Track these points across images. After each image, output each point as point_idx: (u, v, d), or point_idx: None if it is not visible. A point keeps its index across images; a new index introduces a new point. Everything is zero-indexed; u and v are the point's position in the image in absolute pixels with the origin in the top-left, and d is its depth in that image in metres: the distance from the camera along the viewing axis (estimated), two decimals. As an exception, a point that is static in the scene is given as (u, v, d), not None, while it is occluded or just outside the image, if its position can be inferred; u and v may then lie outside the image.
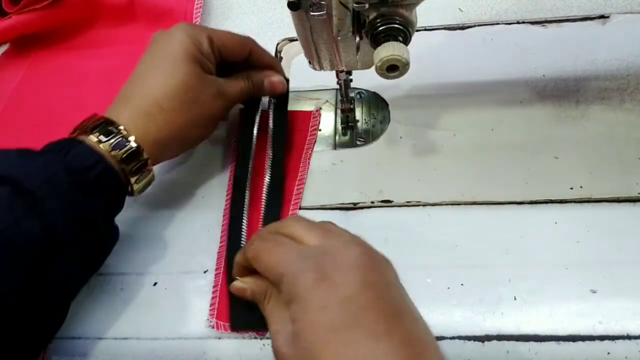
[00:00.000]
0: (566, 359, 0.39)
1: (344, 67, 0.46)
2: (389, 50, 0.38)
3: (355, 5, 0.37)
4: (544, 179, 0.46)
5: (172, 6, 0.64)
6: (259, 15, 0.64)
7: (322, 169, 0.50)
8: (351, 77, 0.49)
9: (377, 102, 0.54)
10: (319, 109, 0.54)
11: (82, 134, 0.42)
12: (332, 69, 0.47)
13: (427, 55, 0.55)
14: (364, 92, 0.55)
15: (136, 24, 0.65)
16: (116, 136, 0.41)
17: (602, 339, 0.39)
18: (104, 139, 0.41)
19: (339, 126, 0.53)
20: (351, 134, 0.53)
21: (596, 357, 0.39)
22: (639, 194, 0.45)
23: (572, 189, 0.46)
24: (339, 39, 0.41)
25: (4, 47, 0.67)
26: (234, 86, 0.48)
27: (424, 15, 0.43)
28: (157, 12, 0.64)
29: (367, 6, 0.37)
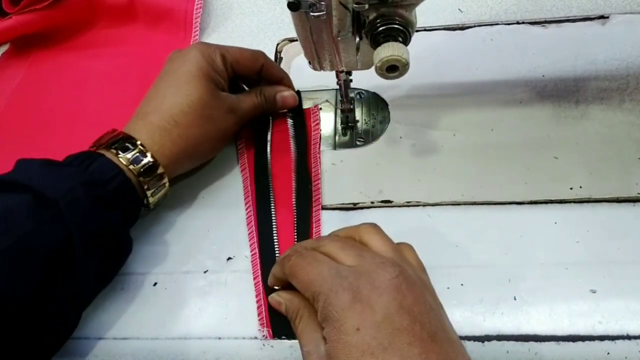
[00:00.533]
0: (566, 359, 0.39)
1: (344, 68, 0.47)
2: (388, 50, 0.38)
3: (355, 5, 0.37)
4: (544, 179, 0.46)
5: (172, 6, 0.64)
6: (259, 15, 0.64)
7: (322, 169, 0.50)
8: (351, 78, 0.49)
9: (377, 102, 0.54)
10: (317, 105, 0.54)
11: (101, 148, 0.44)
12: (332, 69, 0.47)
13: (427, 55, 0.55)
14: (364, 92, 0.55)
15: (136, 24, 0.65)
16: (134, 151, 0.43)
17: (602, 339, 0.39)
18: (122, 153, 0.43)
19: (339, 126, 0.53)
20: (351, 134, 0.53)
21: (596, 357, 0.39)
22: (639, 194, 0.45)
23: (571, 189, 0.46)
24: (338, 39, 0.41)
25: (4, 47, 0.67)
26: (247, 102, 0.50)
27: (424, 15, 0.43)
28: (157, 12, 0.64)
29: (366, 6, 0.37)
